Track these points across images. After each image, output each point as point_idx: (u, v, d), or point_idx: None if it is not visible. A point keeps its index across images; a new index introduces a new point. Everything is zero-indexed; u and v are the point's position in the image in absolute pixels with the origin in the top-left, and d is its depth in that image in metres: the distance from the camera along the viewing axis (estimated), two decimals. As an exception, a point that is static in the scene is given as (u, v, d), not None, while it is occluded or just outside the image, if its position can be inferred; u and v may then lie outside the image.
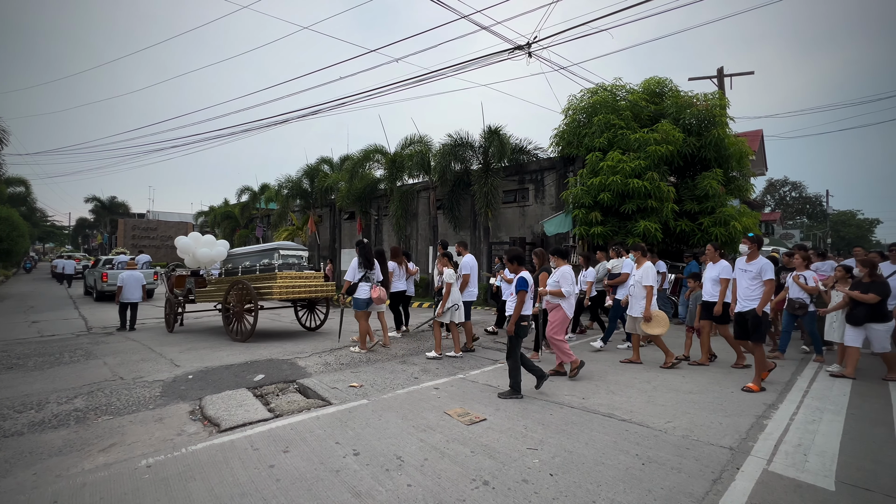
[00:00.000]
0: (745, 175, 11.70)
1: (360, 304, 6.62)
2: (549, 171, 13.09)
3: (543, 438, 3.53)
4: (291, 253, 8.02)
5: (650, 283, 5.81)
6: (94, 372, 5.64)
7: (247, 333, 7.38)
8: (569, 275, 5.33)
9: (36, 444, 3.47)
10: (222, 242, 8.74)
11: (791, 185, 52.61)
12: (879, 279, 5.32)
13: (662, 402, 4.43)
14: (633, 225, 9.89)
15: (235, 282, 7.64)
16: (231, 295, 7.66)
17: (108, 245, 42.15)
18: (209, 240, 8.63)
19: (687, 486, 2.80)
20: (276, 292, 7.22)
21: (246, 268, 8.22)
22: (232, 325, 7.67)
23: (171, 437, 3.62)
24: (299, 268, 8.06)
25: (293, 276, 7.57)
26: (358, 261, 6.72)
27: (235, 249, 9.00)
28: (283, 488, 2.76)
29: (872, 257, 5.59)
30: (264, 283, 7.42)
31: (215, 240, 8.74)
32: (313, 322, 8.55)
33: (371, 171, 17.57)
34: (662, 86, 11.88)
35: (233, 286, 7.63)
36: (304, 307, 8.59)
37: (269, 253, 8.00)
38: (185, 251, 8.48)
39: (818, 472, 3.01)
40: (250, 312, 7.50)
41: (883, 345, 5.25)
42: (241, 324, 7.50)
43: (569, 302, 5.36)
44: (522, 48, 8.53)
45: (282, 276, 7.42)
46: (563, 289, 5.27)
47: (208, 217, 33.95)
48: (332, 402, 4.43)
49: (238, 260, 8.56)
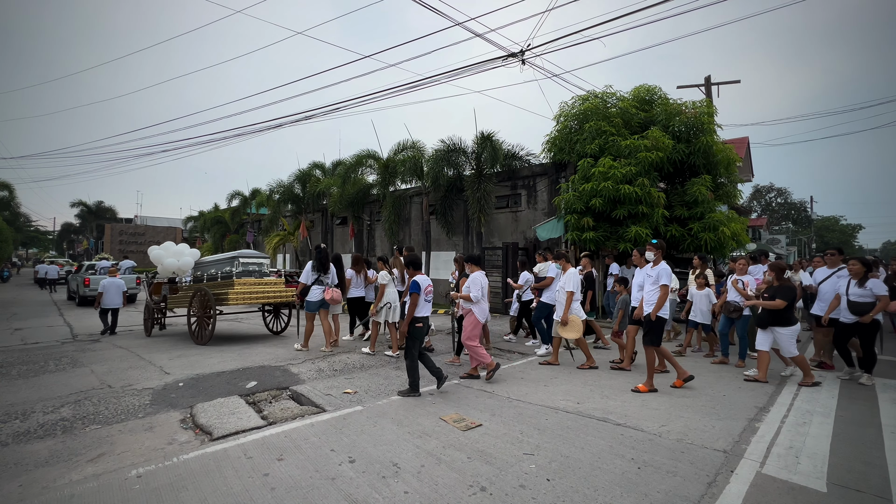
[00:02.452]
0: (733, 181, 11.90)
1: (311, 307, 6.96)
2: (542, 177, 13.19)
3: (539, 443, 3.53)
4: (251, 261, 8.36)
5: (571, 288, 6.08)
6: (80, 380, 5.51)
7: (206, 337, 7.64)
8: (478, 281, 5.59)
9: (21, 455, 3.37)
10: (191, 252, 9.15)
11: (777, 192, 53.71)
12: (786, 283, 5.42)
13: (656, 406, 4.46)
14: (624, 230, 10.00)
15: (197, 289, 8.01)
16: (194, 301, 7.99)
17: (94, 250, 41.44)
18: (179, 249, 9.04)
19: (682, 490, 2.82)
20: (233, 298, 7.50)
21: (210, 275, 8.52)
22: (193, 328, 7.95)
23: (162, 446, 3.55)
24: (259, 274, 8.35)
25: (251, 283, 7.89)
26: (312, 264, 7.05)
27: (204, 258, 9.30)
28: (278, 497, 2.72)
29: (779, 263, 5.79)
30: (223, 290, 7.71)
31: (185, 250, 9.15)
32: (278, 326, 8.89)
33: (364, 176, 17.54)
34: (652, 93, 12.07)
35: (195, 293, 7.98)
36: (270, 312, 8.95)
37: (230, 261, 8.31)
38: (157, 261, 8.93)
39: (810, 473, 3.05)
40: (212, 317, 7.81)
41: (789, 349, 5.24)
42: (202, 328, 7.81)
43: (479, 307, 5.55)
44: (516, 55, 8.63)
45: (239, 282, 7.72)
46: (471, 294, 5.50)
47: (198, 222, 33.54)
48: (326, 408, 4.39)
49: (205, 268, 8.86)
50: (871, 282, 5.22)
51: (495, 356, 6.60)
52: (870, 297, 5.19)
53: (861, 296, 5.25)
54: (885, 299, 5.15)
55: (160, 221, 46.12)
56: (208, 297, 7.69)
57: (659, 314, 5.03)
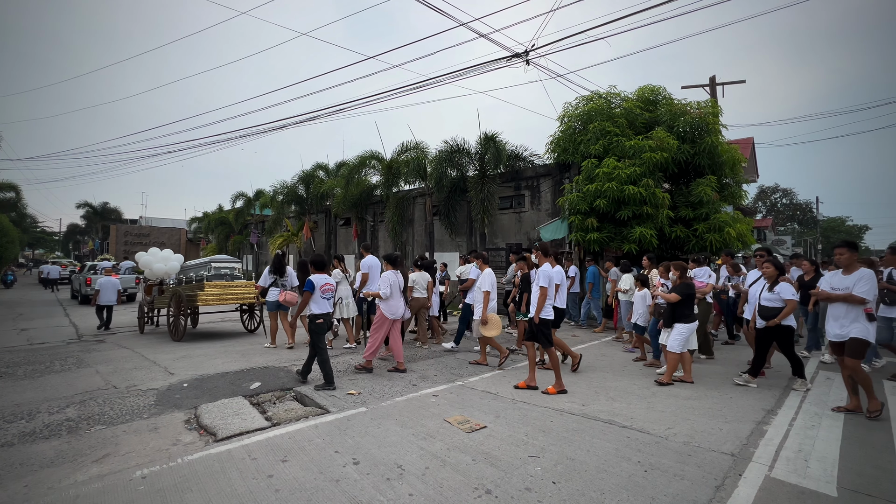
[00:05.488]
0: (738, 182, 11.82)
1: (270, 307, 7.66)
2: (545, 178, 13.14)
3: (545, 446, 3.51)
4: (223, 265, 9.33)
5: (487, 288, 6.36)
6: (86, 380, 5.53)
7: (180, 333, 8.29)
8: (386, 279, 5.89)
9: (27, 456, 3.38)
10: (176, 257, 9.85)
11: (782, 192, 53.29)
12: (686, 281, 5.62)
13: (662, 408, 4.43)
14: (628, 231, 9.94)
15: (174, 291, 8.71)
16: (171, 302, 8.66)
17: (100, 251, 41.70)
18: (165, 255, 9.74)
19: (690, 494, 2.79)
20: (202, 299, 8.14)
21: (188, 278, 9.30)
22: (169, 326, 8.63)
23: (167, 446, 3.55)
24: (231, 277, 9.18)
25: (221, 286, 8.54)
26: (269, 269, 7.78)
27: (188, 263, 10.15)
28: (283, 499, 2.71)
29: (680, 263, 5.83)
30: (195, 292, 8.36)
31: (170, 255, 9.82)
32: (252, 325, 9.55)
33: (367, 177, 17.55)
34: (656, 94, 12.00)
35: (173, 294, 8.64)
36: (246, 311, 9.61)
37: (204, 265, 9.26)
38: (145, 266, 9.59)
39: (820, 477, 3.01)
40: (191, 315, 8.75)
41: (673, 344, 5.40)
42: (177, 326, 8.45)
43: (386, 303, 5.84)
44: (520, 56, 8.60)
45: (209, 285, 8.35)
46: (381, 291, 5.86)
47: (202, 223, 33.67)
48: (330, 410, 4.38)
49: (186, 272, 9.67)
50: (780, 286, 5.08)
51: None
52: (778, 301, 5.06)
53: (770, 300, 5.13)
54: (792, 303, 4.97)
55: (165, 222, 46.33)
56: (181, 298, 8.33)
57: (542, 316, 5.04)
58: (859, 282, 4.26)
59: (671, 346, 5.40)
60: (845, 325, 4.29)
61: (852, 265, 4.41)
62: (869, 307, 4.23)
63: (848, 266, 4.43)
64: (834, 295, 4.39)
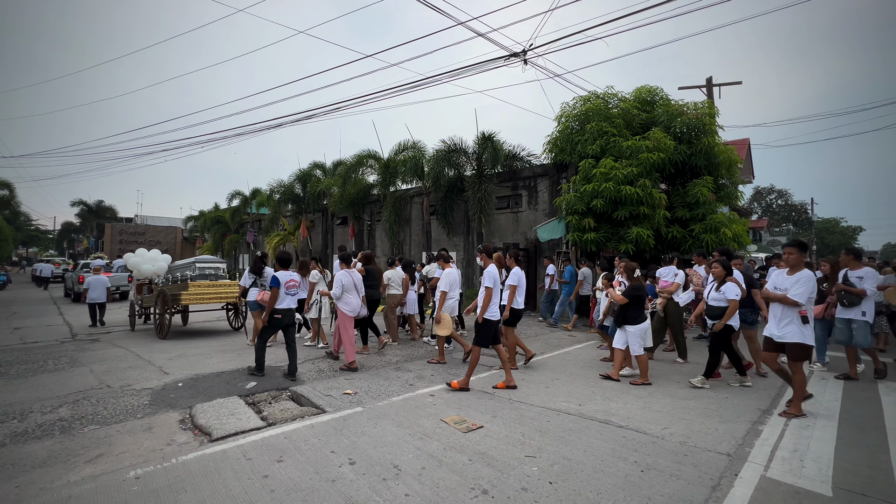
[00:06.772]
0: (734, 183, 11.86)
1: (252, 306, 7.69)
2: (543, 178, 13.15)
3: (541, 446, 3.50)
4: (208, 265, 9.54)
5: (443, 288, 6.49)
6: (79, 380, 5.48)
7: (165, 331, 8.52)
8: (338, 279, 6.12)
9: (19, 456, 3.34)
10: (164, 258, 10.08)
11: (777, 193, 53.58)
12: (636, 282, 5.68)
13: (658, 408, 4.43)
14: (625, 231, 9.96)
15: (160, 291, 8.88)
16: (157, 300, 8.88)
17: (94, 249, 41.41)
18: (153, 256, 9.98)
19: (687, 493, 2.79)
20: (185, 298, 8.31)
21: (175, 278, 9.53)
22: (155, 324, 8.85)
23: (161, 447, 3.52)
24: (215, 277, 9.41)
25: (205, 285, 8.74)
26: (249, 269, 7.90)
27: (175, 263, 10.37)
28: (278, 499, 2.69)
29: (631, 264, 5.90)
30: (180, 291, 8.53)
31: (158, 256, 10.06)
32: (237, 323, 9.65)
33: (364, 176, 17.51)
34: (653, 94, 12.03)
35: (159, 294, 8.83)
36: (231, 310, 9.76)
37: (189, 266, 9.46)
38: (134, 267, 9.83)
39: (815, 477, 3.02)
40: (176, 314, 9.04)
41: (634, 348, 5.46)
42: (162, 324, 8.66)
43: (343, 302, 6.11)
44: (518, 55, 8.60)
45: (193, 284, 8.54)
46: (332, 291, 6.19)
47: (198, 222, 33.47)
48: (326, 409, 4.36)
49: (173, 272, 9.85)
50: (726, 286, 5.12)
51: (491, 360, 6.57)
52: (724, 301, 5.10)
53: (716, 300, 5.18)
54: (734, 303, 5.01)
55: (161, 221, 46.00)
56: (166, 297, 8.52)
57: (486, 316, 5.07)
58: (795, 284, 4.23)
59: (633, 349, 5.47)
60: (782, 326, 4.30)
61: (798, 266, 4.37)
62: (804, 310, 4.20)
63: (794, 266, 4.38)
64: (772, 295, 4.39)
